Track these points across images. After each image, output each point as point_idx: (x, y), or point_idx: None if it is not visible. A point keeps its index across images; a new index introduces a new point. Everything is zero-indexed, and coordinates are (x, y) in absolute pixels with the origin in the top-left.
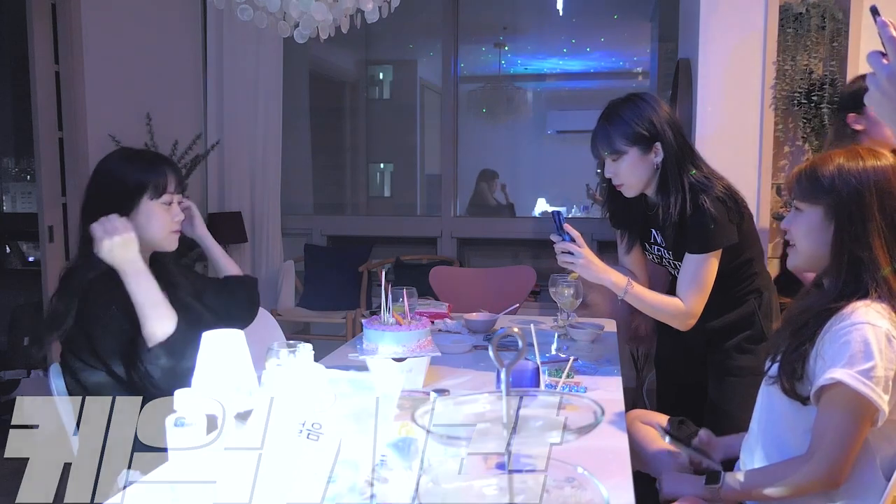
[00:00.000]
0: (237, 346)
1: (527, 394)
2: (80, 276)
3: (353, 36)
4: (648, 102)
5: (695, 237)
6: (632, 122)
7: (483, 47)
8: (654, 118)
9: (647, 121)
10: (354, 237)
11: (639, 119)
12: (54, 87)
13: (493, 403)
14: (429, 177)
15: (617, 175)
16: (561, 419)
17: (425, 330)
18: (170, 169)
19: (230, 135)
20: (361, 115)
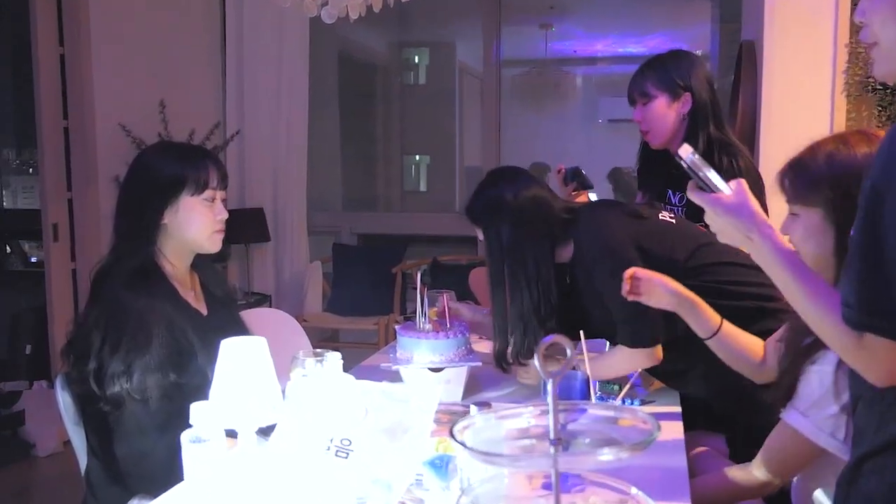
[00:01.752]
0: (259, 355)
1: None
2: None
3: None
4: (689, 57)
5: None
6: (668, 69)
7: (528, 28)
8: (691, 72)
9: (683, 72)
10: (387, 236)
11: (675, 68)
12: (58, 72)
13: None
14: (468, 170)
15: (644, 120)
16: (613, 435)
17: (464, 337)
18: (212, 163)
19: (251, 124)
20: (395, 103)
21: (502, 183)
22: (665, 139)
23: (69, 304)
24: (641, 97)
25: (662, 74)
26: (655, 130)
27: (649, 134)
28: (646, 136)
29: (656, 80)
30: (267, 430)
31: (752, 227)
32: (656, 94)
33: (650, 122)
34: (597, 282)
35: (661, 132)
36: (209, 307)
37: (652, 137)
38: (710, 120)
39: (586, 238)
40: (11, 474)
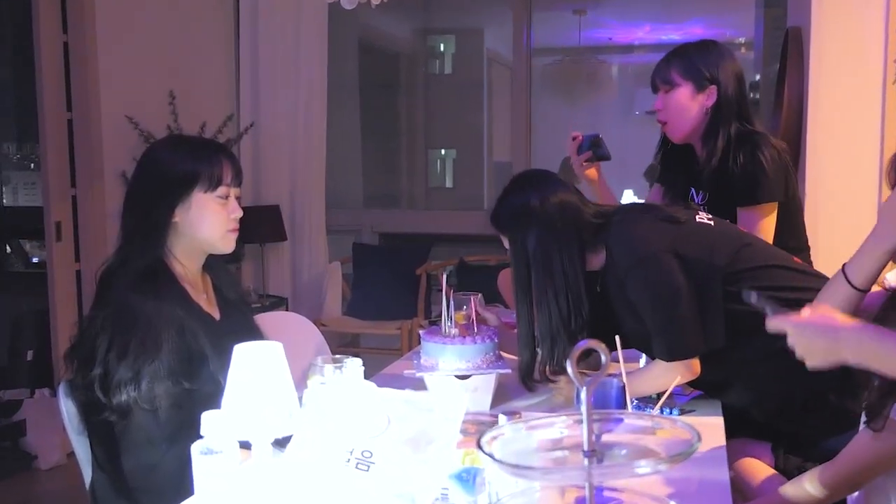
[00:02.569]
0: (275, 361)
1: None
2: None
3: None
4: (718, 49)
5: (743, 187)
6: (694, 59)
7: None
8: (720, 64)
9: (711, 63)
10: (410, 235)
11: (702, 59)
12: (62, 61)
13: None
14: (497, 165)
15: (665, 109)
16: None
17: (493, 343)
18: (225, 157)
19: (266, 116)
20: (419, 93)
21: (528, 188)
22: (685, 133)
23: (73, 307)
24: (664, 84)
25: (689, 63)
26: (675, 122)
27: (668, 126)
28: (664, 127)
29: (682, 68)
30: (283, 441)
31: (839, 330)
32: (680, 83)
33: (670, 111)
34: (630, 292)
35: (680, 124)
36: (222, 311)
37: (671, 130)
38: (734, 116)
39: (618, 245)
40: (12, 488)
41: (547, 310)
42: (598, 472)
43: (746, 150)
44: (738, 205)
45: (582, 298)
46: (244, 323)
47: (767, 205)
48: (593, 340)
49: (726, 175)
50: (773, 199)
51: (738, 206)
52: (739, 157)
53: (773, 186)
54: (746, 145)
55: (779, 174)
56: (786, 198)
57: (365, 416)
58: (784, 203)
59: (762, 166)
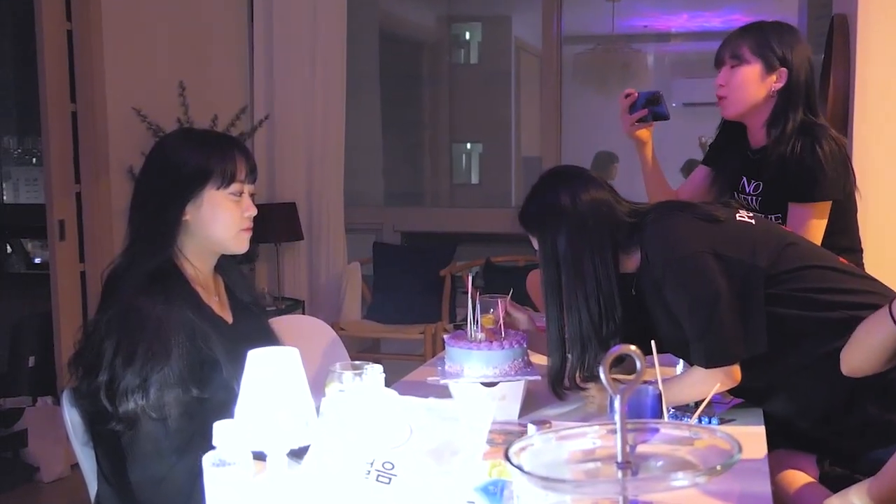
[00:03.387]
0: (291, 368)
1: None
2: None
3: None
4: (794, 32)
5: (799, 182)
6: (769, 37)
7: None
8: (794, 47)
9: (785, 44)
10: (434, 234)
11: (777, 39)
12: (66, 50)
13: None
14: (526, 160)
15: (728, 84)
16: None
17: (521, 348)
18: (239, 152)
19: (282, 108)
20: (443, 84)
21: (559, 185)
22: (740, 111)
23: (77, 310)
24: (733, 59)
25: (762, 41)
26: (734, 98)
27: (726, 101)
28: (721, 101)
29: (755, 45)
30: (299, 452)
31: None
32: (750, 60)
33: (733, 87)
34: (667, 295)
35: (739, 100)
36: (235, 314)
37: (728, 105)
38: (801, 104)
39: (654, 246)
40: (13, 502)
41: (577, 314)
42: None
43: (807, 143)
44: (791, 199)
45: (614, 302)
46: (258, 327)
47: (822, 204)
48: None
49: (783, 166)
50: (828, 197)
51: (791, 200)
52: (797, 149)
53: (830, 185)
54: (807, 137)
55: (838, 171)
56: (843, 195)
57: (386, 425)
58: (840, 201)
59: (821, 162)
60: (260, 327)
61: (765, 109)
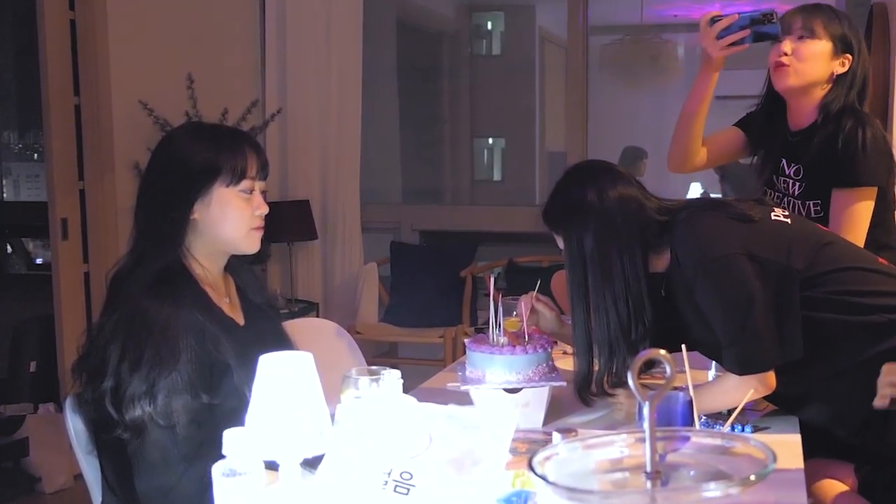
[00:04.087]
0: (304, 373)
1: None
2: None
3: None
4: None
5: (842, 166)
6: (841, 21)
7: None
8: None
9: (853, 32)
10: (454, 233)
11: (847, 24)
12: (68, 40)
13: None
14: (550, 155)
15: (794, 53)
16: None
17: (546, 353)
18: (250, 148)
19: (295, 101)
20: (464, 77)
21: (584, 181)
22: (802, 83)
23: (81, 312)
24: (805, 30)
25: (835, 22)
26: (799, 69)
27: (787, 69)
28: (780, 69)
29: (828, 24)
30: (313, 461)
31: None
32: (822, 37)
33: (801, 57)
34: (698, 298)
35: (804, 72)
36: (246, 317)
37: (788, 74)
38: (856, 94)
39: (684, 246)
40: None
41: (605, 316)
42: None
43: (853, 126)
44: (835, 185)
45: (644, 304)
46: (271, 330)
47: (867, 189)
48: (656, 350)
49: (827, 148)
50: (873, 182)
51: (835, 186)
52: (843, 131)
53: (875, 169)
54: (853, 121)
55: (883, 158)
56: (885, 185)
57: (404, 433)
58: (882, 191)
59: (867, 146)
60: (272, 330)
61: (819, 91)
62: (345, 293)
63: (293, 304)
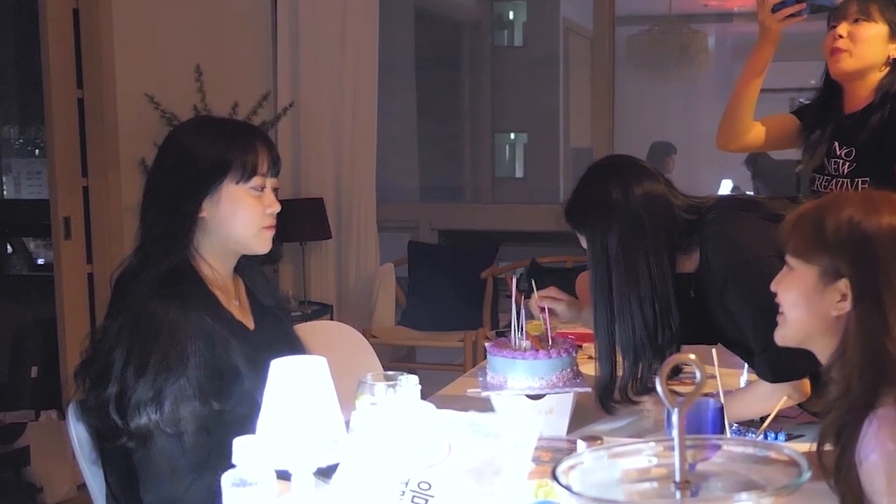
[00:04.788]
0: (318, 379)
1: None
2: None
3: None
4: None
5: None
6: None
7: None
8: None
9: None
10: (475, 232)
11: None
12: (71, 30)
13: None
14: (575, 151)
15: (851, 37)
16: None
17: (570, 357)
18: (261, 143)
19: (308, 94)
20: (485, 69)
21: (609, 177)
22: (860, 66)
23: (84, 315)
24: (861, 14)
25: (891, 7)
26: (857, 52)
27: (844, 54)
28: (837, 54)
29: (884, 8)
30: (327, 470)
31: None
32: (878, 21)
33: (858, 40)
34: (730, 302)
35: (861, 56)
36: (257, 320)
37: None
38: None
39: (714, 247)
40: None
41: (630, 320)
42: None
43: None
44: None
45: (671, 307)
46: (282, 334)
47: None
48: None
49: (883, 130)
50: None
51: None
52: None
53: None
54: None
55: None
56: None
57: (422, 441)
58: None
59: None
60: (284, 334)
61: (876, 74)
62: (360, 295)
63: (306, 307)
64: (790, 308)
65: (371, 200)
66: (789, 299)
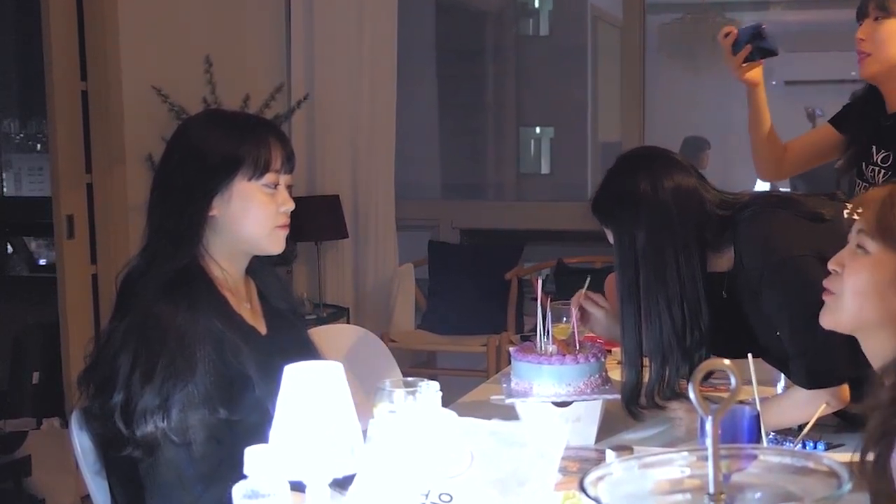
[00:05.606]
0: (334, 385)
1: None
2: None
3: None
4: None
5: None
6: None
7: None
8: None
9: None
10: (498, 231)
11: None
12: (75, 18)
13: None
14: (604, 146)
15: (871, 39)
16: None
17: (599, 362)
18: (275, 138)
19: (323, 87)
20: (509, 60)
21: (637, 170)
22: (881, 68)
23: (88, 318)
24: (879, 10)
25: None
26: (879, 53)
27: (869, 58)
28: (863, 59)
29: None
30: (343, 482)
31: None
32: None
33: (877, 42)
34: (765, 304)
35: (881, 58)
36: (269, 324)
37: (870, 63)
38: None
39: (749, 247)
40: None
41: (657, 321)
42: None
43: None
44: None
45: (700, 308)
46: (296, 339)
47: None
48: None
49: None
50: None
51: None
52: None
53: None
54: None
55: None
56: None
57: (443, 451)
58: None
59: None
60: (297, 339)
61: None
62: (378, 297)
63: (321, 310)
64: (854, 294)
65: (390, 198)
66: (856, 284)
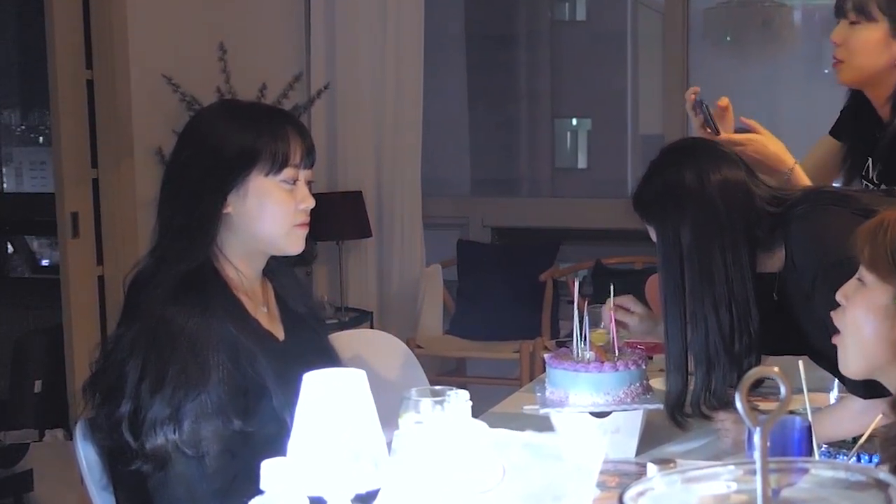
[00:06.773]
0: (356, 395)
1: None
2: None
3: None
4: None
5: None
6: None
7: None
8: None
9: None
10: (532, 230)
11: None
12: (80, 3)
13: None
14: (645, 139)
15: (845, 44)
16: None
17: (640, 370)
18: (294, 131)
19: (345, 76)
20: (544, 48)
21: (683, 162)
22: (858, 77)
23: (94, 323)
24: (856, 13)
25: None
26: (851, 63)
27: (842, 65)
28: (836, 65)
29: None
30: (367, 497)
31: None
32: (875, 18)
33: (851, 49)
34: (818, 307)
35: (856, 66)
36: (287, 329)
37: (844, 70)
38: None
39: (802, 248)
40: None
41: (703, 324)
42: None
43: None
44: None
45: (749, 310)
46: (315, 345)
47: None
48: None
49: None
50: None
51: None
52: None
53: None
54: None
55: None
56: None
57: (473, 464)
58: None
59: None
60: (317, 345)
61: (888, 81)
62: (403, 300)
63: (343, 314)
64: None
65: (416, 194)
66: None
